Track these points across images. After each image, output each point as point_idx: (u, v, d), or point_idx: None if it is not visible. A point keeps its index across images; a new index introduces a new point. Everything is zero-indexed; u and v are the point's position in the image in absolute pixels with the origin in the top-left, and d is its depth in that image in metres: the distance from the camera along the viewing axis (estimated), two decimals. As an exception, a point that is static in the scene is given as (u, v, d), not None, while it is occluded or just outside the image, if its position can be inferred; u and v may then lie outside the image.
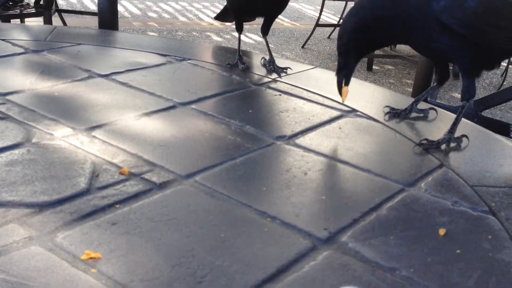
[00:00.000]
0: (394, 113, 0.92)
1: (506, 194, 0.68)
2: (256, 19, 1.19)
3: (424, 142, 0.80)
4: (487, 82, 4.22)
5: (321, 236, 0.57)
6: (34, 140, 0.70)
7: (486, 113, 1.51)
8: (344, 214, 0.61)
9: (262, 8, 1.08)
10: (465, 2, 0.78)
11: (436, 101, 1.53)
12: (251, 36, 4.97)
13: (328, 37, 5.13)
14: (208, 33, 4.96)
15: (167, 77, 1.00)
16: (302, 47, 4.73)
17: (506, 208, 0.65)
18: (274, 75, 1.06)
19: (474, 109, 1.47)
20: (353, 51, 0.84)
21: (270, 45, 1.18)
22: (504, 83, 4.14)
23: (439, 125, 0.90)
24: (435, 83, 0.95)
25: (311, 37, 4.78)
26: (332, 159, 0.74)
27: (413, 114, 0.92)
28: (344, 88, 0.84)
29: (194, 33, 4.90)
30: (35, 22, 3.88)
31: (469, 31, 0.78)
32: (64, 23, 4.56)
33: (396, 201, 0.65)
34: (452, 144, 0.81)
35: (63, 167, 0.64)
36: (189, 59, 1.10)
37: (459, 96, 0.86)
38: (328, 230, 0.58)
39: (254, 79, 1.03)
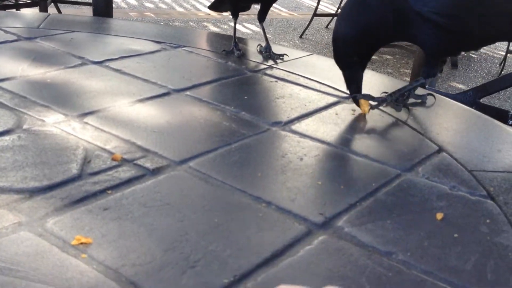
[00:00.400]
0: (387, 94, 0.90)
1: (504, 179, 0.67)
2: (253, 7, 1.18)
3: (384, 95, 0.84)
4: (486, 72, 4.21)
5: (317, 220, 0.56)
6: (25, 127, 0.69)
7: (485, 101, 1.50)
8: (340, 199, 0.60)
9: None
10: None
11: (435, 89, 1.52)
12: (248, 26, 4.94)
13: (326, 27, 5.10)
14: (205, 23, 4.94)
15: (161, 64, 0.98)
16: (300, 37, 4.71)
17: (504, 192, 0.64)
18: (270, 62, 1.05)
19: (472, 96, 1.46)
20: (355, 61, 0.82)
21: (267, 35, 1.16)
22: (503, 72, 4.12)
23: (437, 110, 0.89)
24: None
25: (309, 27, 4.76)
26: (329, 144, 0.73)
27: (411, 100, 0.91)
28: (361, 101, 0.83)
29: (191, 24, 4.88)
30: (30, 12, 3.86)
31: (445, 19, 0.78)
32: (60, 13, 4.53)
33: (393, 186, 0.64)
34: (391, 105, 0.85)
35: (55, 153, 0.63)
36: (184, 46, 1.09)
37: (457, 85, 0.87)
38: (324, 215, 0.57)
39: (250, 65, 1.02)
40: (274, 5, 1.23)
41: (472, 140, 0.78)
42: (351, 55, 0.82)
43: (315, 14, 4.70)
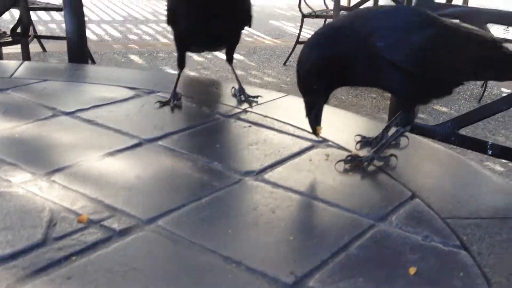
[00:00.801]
0: (365, 142, 0.90)
1: (478, 226, 0.66)
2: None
3: (349, 158, 0.82)
4: (468, 94, 4.25)
5: (288, 281, 0.55)
6: (-10, 189, 0.67)
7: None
8: (312, 255, 0.59)
9: (213, 39, 1.04)
10: (409, 37, 0.78)
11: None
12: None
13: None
14: (189, 54, 4.95)
15: (134, 112, 0.98)
16: (284, 64, 4.74)
17: (478, 241, 0.63)
18: (245, 105, 1.04)
19: (451, 127, 1.47)
20: (316, 88, 0.82)
21: (251, 63, 1.16)
22: (485, 93, 4.17)
23: (411, 152, 0.89)
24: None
25: (292, 54, 4.79)
26: (301, 194, 0.72)
27: (385, 141, 0.91)
28: (317, 128, 0.83)
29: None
30: (12, 50, 3.86)
31: (414, 66, 0.78)
32: (44, 49, 4.54)
33: (366, 238, 0.63)
34: (378, 163, 0.82)
35: (19, 216, 0.62)
36: (158, 92, 1.08)
37: (440, 108, 0.87)
38: (295, 274, 0.56)
39: (223, 110, 1.01)
40: (257, 33, 1.24)
41: (446, 184, 0.77)
42: (312, 81, 0.82)
43: (298, 42, 4.74)
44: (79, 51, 1.33)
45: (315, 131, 0.83)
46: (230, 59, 1.11)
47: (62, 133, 0.86)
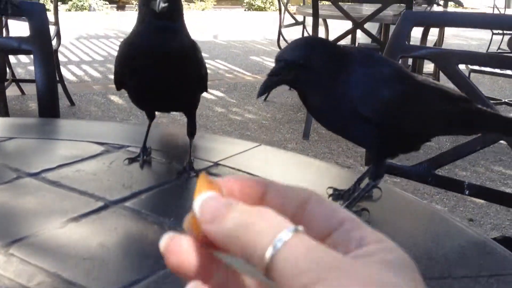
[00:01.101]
0: (337, 195, 0.89)
1: (450, 287, 0.64)
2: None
3: (331, 192, 0.85)
4: (447, 125, 4.29)
5: None
6: None
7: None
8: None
9: (166, 104, 1.00)
10: (380, 91, 0.79)
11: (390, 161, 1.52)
12: (212, 92, 4.99)
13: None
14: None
15: (102, 170, 0.95)
16: (264, 100, 4.76)
17: (450, 305, 0.61)
18: (215, 160, 1.02)
19: (427, 168, 1.47)
20: (290, 74, 0.77)
21: (231, 99, 1.14)
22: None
23: (382, 204, 0.87)
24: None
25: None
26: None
27: (357, 194, 0.90)
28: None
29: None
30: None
31: (382, 119, 0.79)
32: (23, 92, 4.51)
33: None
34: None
35: (-30, 299, 0.59)
36: (128, 146, 1.06)
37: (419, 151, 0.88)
38: None
39: (195, 165, 0.99)
40: (238, 69, 1.20)
41: (419, 241, 0.76)
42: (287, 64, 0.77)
43: (278, 78, 4.77)
44: (49, 106, 1.32)
45: (263, 92, 0.80)
46: (189, 133, 1.01)
47: (25, 198, 0.83)
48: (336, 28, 5.22)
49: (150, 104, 1.00)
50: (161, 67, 0.89)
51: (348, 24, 4.07)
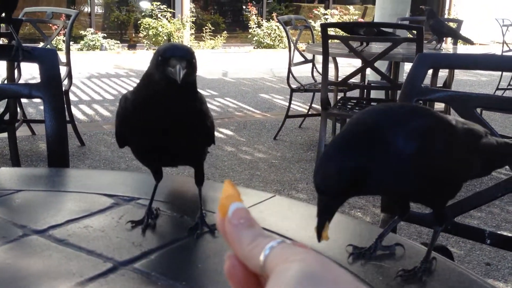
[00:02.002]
0: (358, 254, 0.84)
1: None
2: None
3: (401, 273, 0.78)
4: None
5: None
6: None
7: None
8: None
9: (172, 161, 0.96)
10: (434, 145, 0.77)
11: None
12: (222, 130, 4.98)
13: (299, 127, 5.17)
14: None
15: (111, 226, 0.92)
16: (274, 138, 4.74)
17: None
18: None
19: (447, 216, 1.41)
20: (340, 194, 0.73)
21: (241, 138, 1.10)
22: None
23: (408, 263, 0.83)
24: (397, 216, 0.90)
25: (283, 127, 4.81)
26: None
27: (379, 252, 0.86)
28: (324, 233, 0.74)
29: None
30: (1, 135, 3.83)
31: (440, 173, 0.78)
32: (33, 133, 4.52)
33: None
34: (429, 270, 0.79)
35: None
36: (138, 199, 1.03)
37: None
38: None
39: (207, 220, 0.95)
40: (247, 107, 1.16)
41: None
42: (332, 192, 0.73)
43: (287, 116, 4.77)
44: (59, 155, 1.29)
45: (320, 236, 0.74)
46: (198, 181, 0.98)
47: (30, 259, 0.79)
48: (345, 65, 5.23)
49: (156, 161, 0.95)
50: (173, 131, 0.85)
51: (357, 62, 4.07)
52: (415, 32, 3.45)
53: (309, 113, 5.03)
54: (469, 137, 0.83)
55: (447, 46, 5.25)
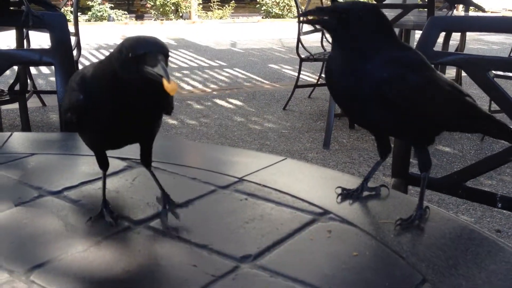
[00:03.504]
0: (346, 194, 0.91)
1: (498, 317, 0.60)
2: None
3: (399, 222, 0.81)
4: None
5: None
6: (-38, 295, 0.62)
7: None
8: None
9: (127, 139, 0.83)
10: (407, 75, 0.80)
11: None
12: (231, 101, 4.97)
13: (309, 97, 5.14)
14: (188, 102, 4.96)
15: (125, 187, 0.93)
16: (284, 108, 4.73)
17: (499, 337, 0.57)
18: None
19: (457, 180, 1.41)
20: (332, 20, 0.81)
21: (250, 108, 1.09)
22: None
23: (405, 210, 0.83)
24: (380, 158, 0.95)
25: (292, 97, 4.79)
26: (303, 284, 0.66)
27: (365, 193, 0.91)
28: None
29: (175, 103, 4.87)
30: (11, 106, 3.85)
31: (411, 105, 0.80)
32: (44, 104, 4.54)
33: (375, 336, 0.57)
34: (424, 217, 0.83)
35: (-10, 331, 0.56)
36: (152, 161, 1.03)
37: (443, 148, 0.91)
38: None
39: (218, 180, 0.96)
40: (256, 77, 1.06)
41: (459, 263, 0.71)
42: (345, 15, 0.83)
43: (297, 86, 4.74)
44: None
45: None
46: (147, 163, 0.86)
47: (46, 219, 0.81)
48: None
49: (109, 143, 0.84)
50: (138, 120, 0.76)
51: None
52: (426, -1, 3.40)
53: (319, 83, 4.99)
54: (451, 87, 0.86)
55: (459, 13, 5.16)
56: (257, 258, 0.71)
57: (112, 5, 10.67)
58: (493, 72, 4.06)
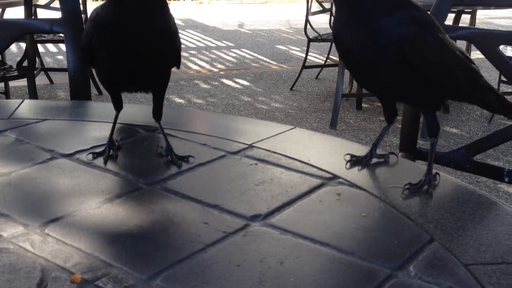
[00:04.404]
0: (354, 161, 0.91)
1: (503, 273, 0.61)
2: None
3: (407, 187, 0.81)
4: (478, 114, 4.19)
5: None
6: (-21, 245, 0.63)
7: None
8: (325, 313, 0.54)
9: (139, 82, 0.92)
10: (425, 35, 0.79)
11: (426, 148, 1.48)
12: (238, 81, 4.96)
13: (316, 77, 5.13)
14: (196, 81, 4.96)
15: (137, 152, 0.94)
16: (291, 89, 4.72)
17: (506, 292, 0.58)
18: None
19: (465, 154, 1.42)
20: None
21: (257, 88, 1.10)
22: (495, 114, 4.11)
23: (414, 176, 0.84)
24: (386, 124, 0.95)
25: (299, 78, 4.78)
26: (312, 241, 0.67)
27: (374, 160, 0.92)
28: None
29: (182, 82, 4.90)
30: (19, 83, 3.87)
31: (426, 65, 0.79)
32: (51, 81, 4.55)
33: (384, 290, 0.58)
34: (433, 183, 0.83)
35: (7, 278, 0.57)
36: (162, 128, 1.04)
37: (451, 129, 0.91)
38: (307, 336, 0.51)
39: (228, 146, 0.97)
40: (263, 58, 1.11)
41: (466, 224, 0.72)
42: None
43: (304, 66, 4.73)
44: (82, 88, 1.31)
45: None
46: (157, 116, 0.95)
47: (59, 178, 0.82)
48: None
49: (121, 79, 0.91)
50: (142, 44, 0.84)
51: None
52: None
53: (326, 63, 4.97)
54: (460, 52, 0.85)
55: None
56: (267, 217, 0.73)
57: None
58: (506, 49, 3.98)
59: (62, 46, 6.13)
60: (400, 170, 0.91)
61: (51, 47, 6.15)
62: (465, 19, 4.99)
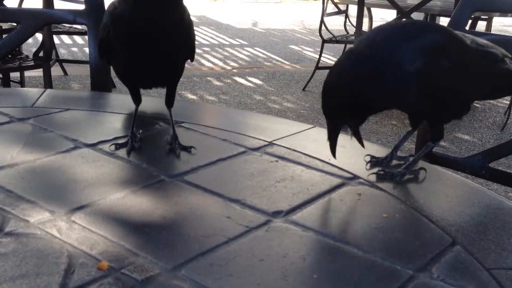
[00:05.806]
0: (375, 162, 0.92)
1: (527, 279, 0.61)
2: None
3: (381, 172, 0.86)
4: (491, 121, 4.17)
5: None
6: (7, 229, 0.64)
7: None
8: (348, 310, 0.55)
9: (154, 75, 0.96)
10: (440, 62, 0.78)
11: (444, 153, 1.48)
12: (251, 79, 4.97)
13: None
14: (208, 78, 4.97)
15: (159, 144, 0.94)
16: (303, 89, 4.72)
17: (528, 297, 0.58)
18: (269, 139, 1.00)
19: (481, 160, 1.41)
20: (341, 115, 0.84)
21: (270, 88, 1.12)
22: (508, 121, 4.09)
23: (447, 191, 0.84)
24: (411, 128, 0.95)
25: (312, 79, 4.78)
26: (333, 239, 0.67)
27: (394, 162, 0.93)
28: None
29: (195, 79, 4.91)
30: (34, 73, 3.89)
31: (445, 93, 0.80)
32: (65, 73, 4.58)
33: (406, 291, 0.58)
34: (408, 176, 0.86)
35: (36, 263, 0.58)
36: (182, 122, 1.05)
37: (463, 136, 0.92)
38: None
39: (249, 143, 0.98)
40: (276, 57, 1.13)
41: (488, 229, 0.72)
42: (338, 114, 0.85)
43: (317, 67, 4.72)
44: (102, 79, 1.32)
45: (335, 154, 0.85)
46: (169, 103, 1.00)
47: (83, 167, 0.83)
48: (378, 20, 5.11)
49: (137, 75, 0.95)
50: (157, 36, 0.86)
51: (392, 14, 3.98)
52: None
53: (340, 65, 4.95)
54: (482, 59, 0.83)
55: None
56: (288, 214, 0.73)
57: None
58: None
59: (77, 38, 6.17)
60: (421, 174, 0.90)
61: (66, 39, 6.18)
62: (480, 26, 4.97)
